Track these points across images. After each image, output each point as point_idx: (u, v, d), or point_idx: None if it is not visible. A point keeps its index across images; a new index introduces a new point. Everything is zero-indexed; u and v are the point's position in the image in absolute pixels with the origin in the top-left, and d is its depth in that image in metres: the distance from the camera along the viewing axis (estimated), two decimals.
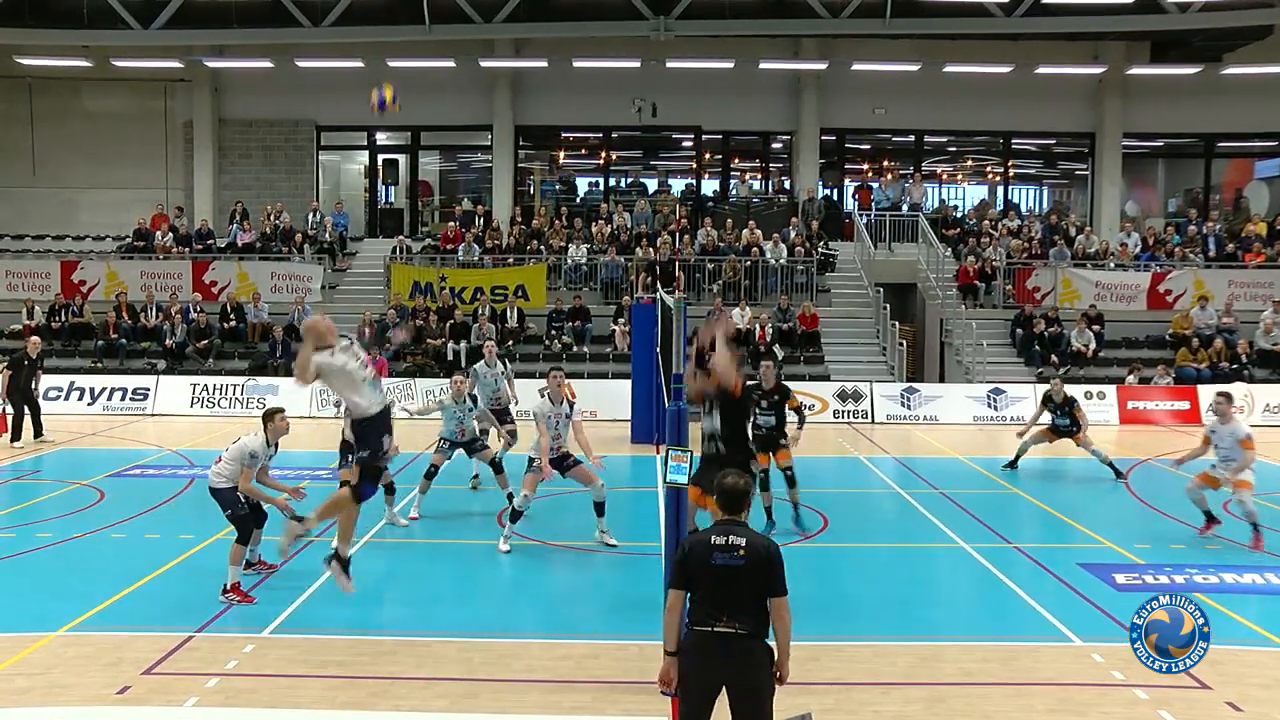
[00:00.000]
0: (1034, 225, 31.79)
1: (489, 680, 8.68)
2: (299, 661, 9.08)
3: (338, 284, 30.34)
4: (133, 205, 31.88)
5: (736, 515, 6.34)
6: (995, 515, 14.78)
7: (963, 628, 10.21)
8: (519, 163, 33.92)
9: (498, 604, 10.97)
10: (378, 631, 9.90)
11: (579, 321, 27.65)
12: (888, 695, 8.42)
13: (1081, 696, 8.40)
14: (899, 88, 31.91)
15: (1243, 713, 8.12)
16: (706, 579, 6.14)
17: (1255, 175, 35.08)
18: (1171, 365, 26.55)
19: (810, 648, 9.37)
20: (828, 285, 29.92)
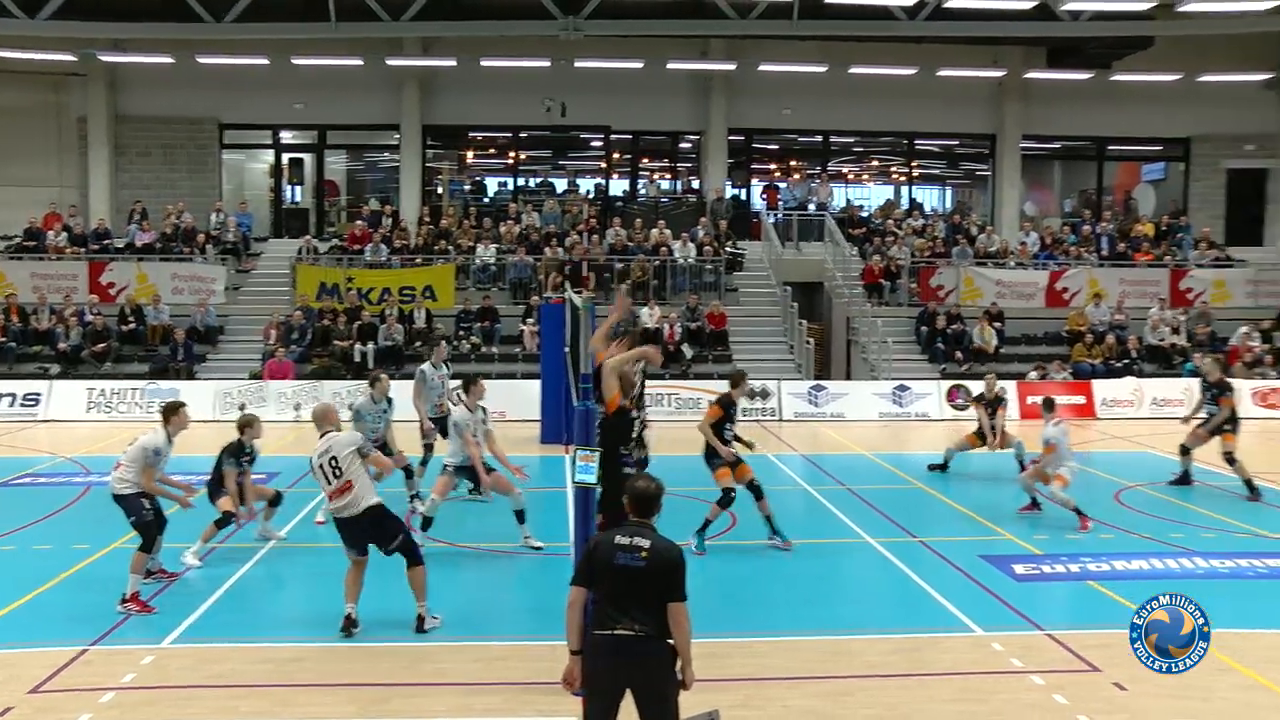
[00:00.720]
0: (937, 225, 32.30)
1: (399, 685, 8.62)
2: (201, 672, 8.90)
3: (242, 285, 29.85)
4: (23, 204, 30.73)
5: (646, 519, 6.36)
6: (900, 510, 15.01)
7: (869, 621, 10.36)
8: (427, 162, 33.67)
9: (407, 608, 10.89)
10: (284, 639, 9.75)
11: (488, 322, 27.53)
12: (795, 690, 8.53)
13: (982, 684, 8.60)
14: (806, 89, 32.21)
15: (1128, 691, 8.44)
16: (609, 579, 6.18)
17: (1143, 178, 36.17)
18: (1068, 361, 27.18)
19: (719, 644, 9.47)
20: (736, 284, 30.13)
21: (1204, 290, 30.02)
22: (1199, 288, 30.07)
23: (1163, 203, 34.87)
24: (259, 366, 26.02)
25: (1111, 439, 22.65)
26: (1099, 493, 16.32)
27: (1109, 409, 25.64)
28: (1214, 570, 12.01)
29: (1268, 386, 26.28)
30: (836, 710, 8.14)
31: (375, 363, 26.22)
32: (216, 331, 27.84)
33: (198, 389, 24.87)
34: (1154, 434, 22.43)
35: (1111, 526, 13.94)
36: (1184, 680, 8.58)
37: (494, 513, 13.99)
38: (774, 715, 8.03)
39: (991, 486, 17.35)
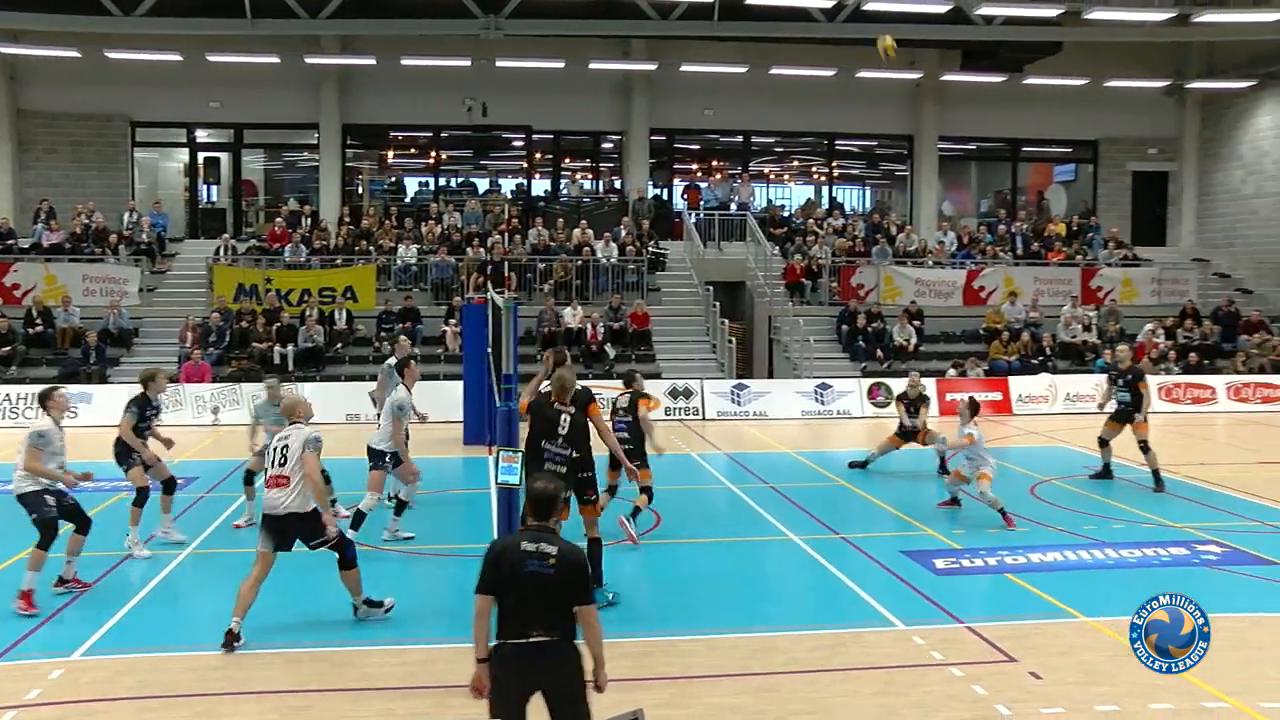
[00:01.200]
0: (857, 224, 32.62)
1: (323, 691, 8.51)
2: (115, 684, 8.63)
3: (157, 286, 29.30)
4: None
5: (546, 521, 6.31)
6: (823, 507, 15.12)
7: (793, 618, 10.43)
8: (347, 162, 33.36)
9: (328, 612, 10.76)
10: (203, 646, 9.48)
11: (409, 323, 27.29)
12: (719, 687, 8.56)
13: (904, 678, 8.69)
14: (727, 89, 32.41)
15: (1042, 680, 8.61)
16: (517, 587, 6.11)
17: (1055, 179, 36.90)
18: (985, 358, 27.60)
19: (644, 644, 9.50)
20: (658, 284, 30.21)
21: (1113, 289, 30.78)
22: (1108, 286, 30.82)
23: (1073, 203, 35.64)
24: (175, 369, 25.59)
25: (1027, 434, 23.02)
26: (1015, 487, 16.58)
27: (1024, 405, 26.08)
28: (1123, 560, 12.31)
29: (1171, 381, 26.97)
30: (761, 706, 8.17)
31: (295, 365, 25.97)
32: (130, 334, 27.31)
33: (111, 393, 24.36)
34: (1068, 429, 22.87)
35: (1027, 520, 14.18)
36: (1092, 667, 8.89)
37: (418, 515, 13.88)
38: (699, 713, 8.03)
39: (912, 483, 17.54)
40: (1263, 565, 12.09)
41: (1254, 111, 33.31)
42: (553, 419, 10.25)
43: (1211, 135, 34.94)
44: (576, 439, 10.41)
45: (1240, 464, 19.54)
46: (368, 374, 25.71)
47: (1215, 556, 12.46)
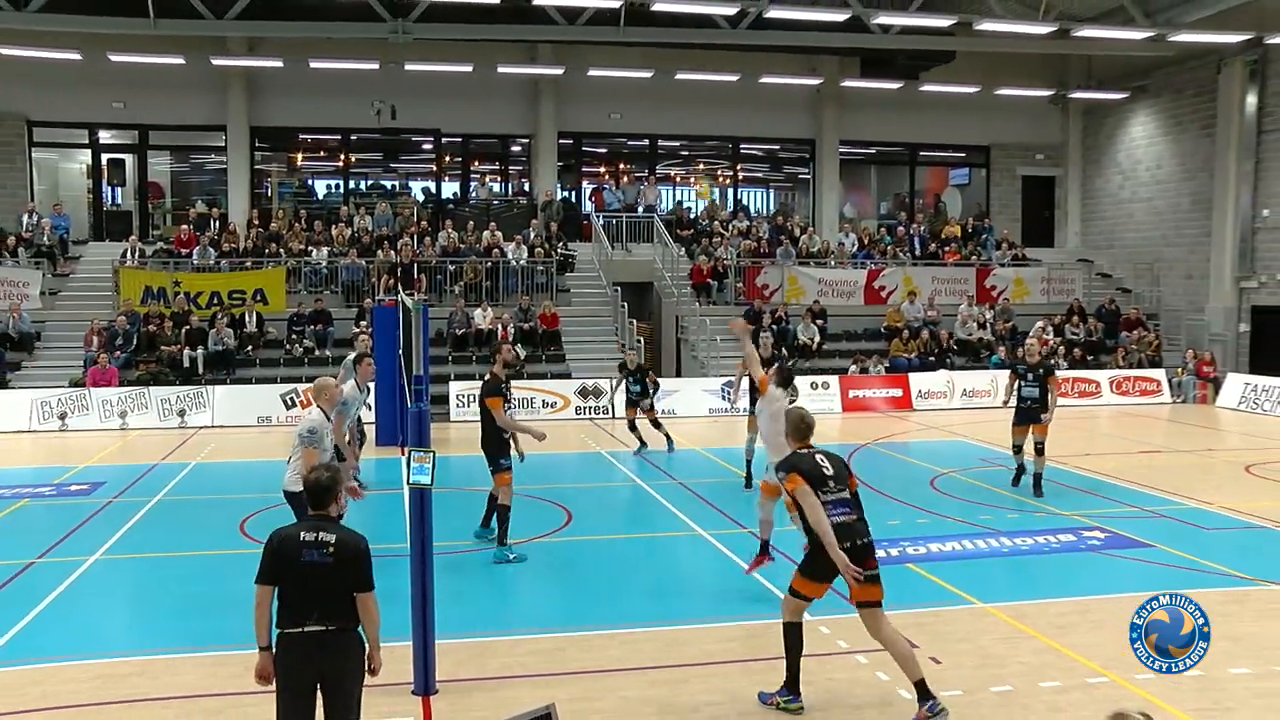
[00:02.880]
0: (762, 226, 32.90)
1: (237, 694, 8.31)
2: (23, 694, 8.38)
3: (60, 290, 28.55)
4: None
5: (324, 510, 6.36)
6: (730, 502, 15.25)
7: (704, 611, 10.49)
8: (255, 164, 32.89)
9: (240, 614, 10.60)
10: (112, 653, 9.32)
11: (321, 325, 27.01)
12: (632, 680, 8.59)
13: (812, 666, 8.74)
14: (633, 94, 32.52)
15: (942, 664, 8.83)
16: (295, 576, 6.12)
17: (950, 182, 37.59)
18: (886, 355, 28.02)
19: (556, 639, 9.51)
20: (567, 285, 30.20)
21: (1006, 288, 31.49)
22: (1001, 285, 31.53)
23: (968, 206, 36.35)
24: (81, 374, 25.04)
25: (927, 429, 23.41)
26: (916, 479, 16.89)
27: (924, 400, 26.53)
28: (1016, 548, 12.65)
29: (1061, 376, 27.50)
30: (674, 697, 8.22)
31: (205, 368, 25.54)
32: (32, 338, 26.60)
33: (13, 398, 23.81)
34: (965, 423, 23.32)
35: (927, 511, 14.45)
36: (988, 651, 9.14)
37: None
38: (612, 706, 8.05)
39: None
40: (1139, 548, 12.61)
41: (1129, 121, 34.28)
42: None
43: (1092, 143, 35.92)
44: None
45: (1121, 454, 20.10)
46: (279, 376, 25.45)
47: (1099, 542, 12.94)
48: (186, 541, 13.37)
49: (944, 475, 17.41)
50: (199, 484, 17.02)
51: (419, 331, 12.88)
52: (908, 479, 17.11)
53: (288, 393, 24.61)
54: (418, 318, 15.17)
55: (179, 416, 24.02)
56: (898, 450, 20.86)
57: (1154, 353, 29.57)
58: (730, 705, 8.10)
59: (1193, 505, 15.08)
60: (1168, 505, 15.10)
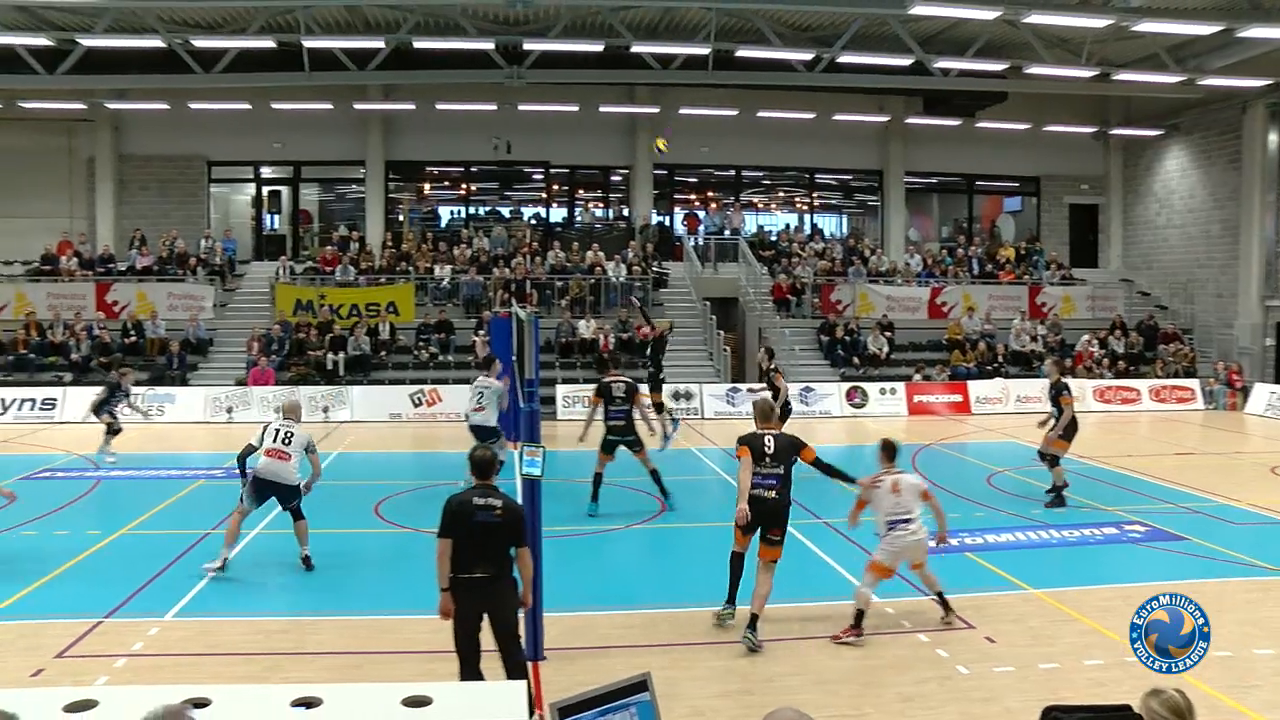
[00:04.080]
0: (835, 248, 32.64)
1: (370, 653, 8.56)
2: (198, 642, 8.82)
3: (228, 303, 29.41)
4: (41, 233, 30.24)
5: (488, 480, 7.06)
6: (808, 495, 15.09)
7: (783, 593, 10.39)
8: (389, 193, 33.39)
9: (376, 585, 10.83)
10: (268, 613, 9.69)
11: (444, 334, 27.37)
12: (719, 653, 8.61)
13: (879, 643, 8.77)
14: (721, 130, 32.44)
15: (996, 644, 8.75)
16: (468, 532, 6.80)
17: (1004, 209, 36.88)
18: (947, 365, 27.64)
19: (650, 614, 9.57)
20: (661, 299, 30.20)
21: (1055, 304, 30.93)
22: (1051, 302, 30.97)
23: (1021, 230, 35.65)
24: (244, 374, 25.70)
25: (984, 431, 23.05)
26: (974, 477, 16.65)
27: (981, 405, 26.13)
28: (1064, 539, 12.47)
29: (1105, 385, 27.12)
30: (754, 669, 8.23)
31: (346, 371, 26.02)
32: (206, 344, 27.43)
33: (191, 394, 24.61)
34: (1018, 426, 22.89)
35: (984, 505, 14.24)
36: (1038, 631, 9.02)
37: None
38: (700, 675, 8.08)
39: None
40: (1177, 541, 12.35)
41: (1164, 155, 33.44)
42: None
43: (1131, 174, 35.05)
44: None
45: (1159, 455, 19.63)
46: (408, 378, 25.86)
47: (1140, 535, 12.63)
48: (328, 520, 13.62)
49: (999, 473, 17.14)
50: (340, 471, 17.32)
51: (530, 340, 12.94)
52: (966, 476, 16.88)
53: (415, 393, 25.00)
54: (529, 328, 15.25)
55: (323, 412, 24.51)
56: (957, 450, 20.58)
57: (1189, 364, 28.82)
58: (804, 676, 8.08)
59: (1222, 502, 14.73)
60: (1201, 502, 14.75)
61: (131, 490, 15.75)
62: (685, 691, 7.69)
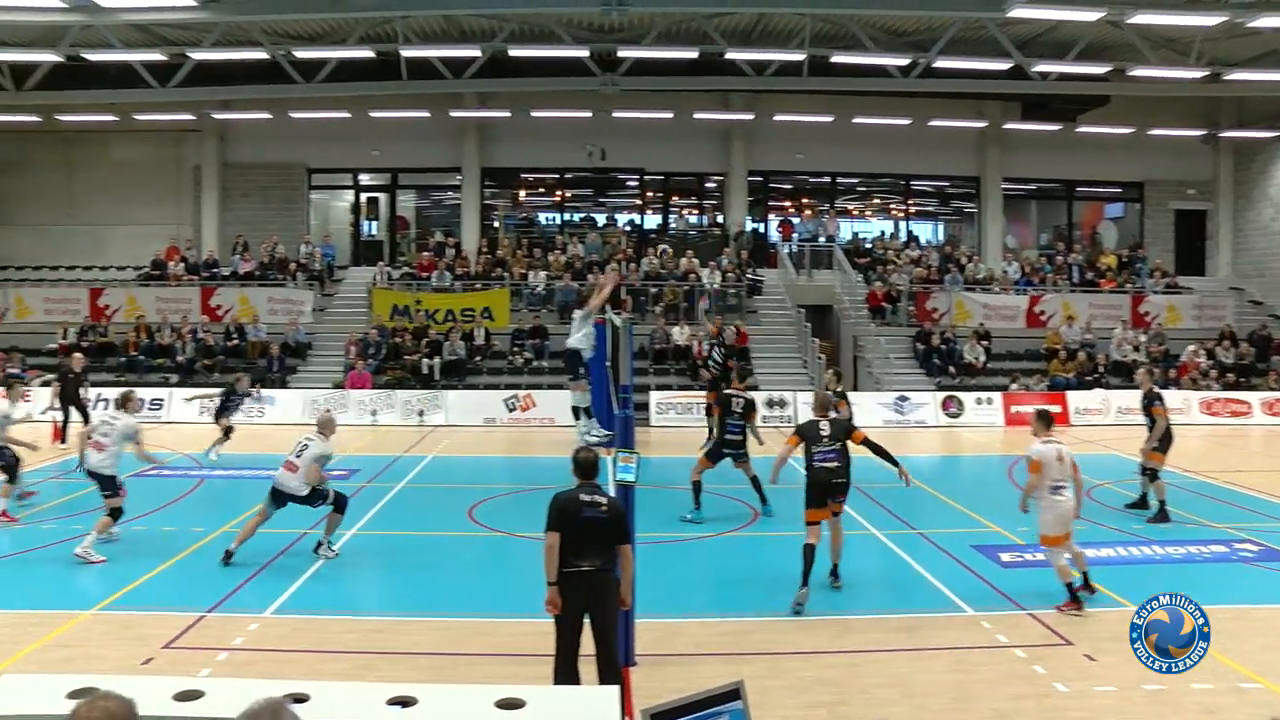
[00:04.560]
0: (931, 255, 32.20)
1: (462, 654, 8.65)
2: (295, 638, 9.04)
3: (326, 307, 30.10)
4: (151, 239, 31.52)
5: (593, 479, 7.25)
6: (901, 505, 14.96)
7: (874, 603, 10.36)
8: (485, 200, 33.82)
9: (469, 588, 10.96)
10: (364, 612, 9.86)
11: (538, 339, 27.59)
12: (810, 663, 8.53)
13: (972, 658, 8.58)
14: (815, 136, 32.25)
15: (1096, 662, 8.47)
16: (575, 528, 6.99)
17: (1105, 216, 35.95)
18: (1046, 374, 27.07)
19: (742, 623, 9.52)
20: (756, 306, 30.10)
21: (1159, 313, 30.06)
22: (1155, 311, 30.09)
23: (1123, 237, 34.74)
24: (341, 377, 26.22)
25: (1084, 443, 22.45)
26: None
27: (1081, 417, 25.51)
28: (1169, 556, 12.05)
29: (1212, 397, 26.24)
30: (845, 679, 8.14)
31: (442, 375, 26.38)
32: (305, 347, 28.08)
33: (290, 396, 25.17)
34: (1120, 438, 22.27)
35: (1084, 519, 13.76)
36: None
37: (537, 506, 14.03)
38: (790, 684, 8.02)
39: (980, 484, 17.27)
40: None
41: (1279, 158, 32.28)
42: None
43: (1243, 178, 33.87)
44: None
45: (1273, 471, 18.86)
46: (503, 383, 26.12)
47: (1252, 554, 12.12)
48: (424, 522, 13.88)
49: (1100, 486, 16.69)
50: (435, 474, 17.59)
51: (625, 346, 13.03)
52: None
53: (509, 397, 25.23)
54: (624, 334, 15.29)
55: (419, 415, 24.87)
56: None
57: None
58: (895, 689, 7.96)
59: None
60: None
61: (233, 489, 16.19)
62: (776, 701, 7.63)
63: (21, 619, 9.46)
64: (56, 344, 26.89)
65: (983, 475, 18.30)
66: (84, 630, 9.16)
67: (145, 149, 32.52)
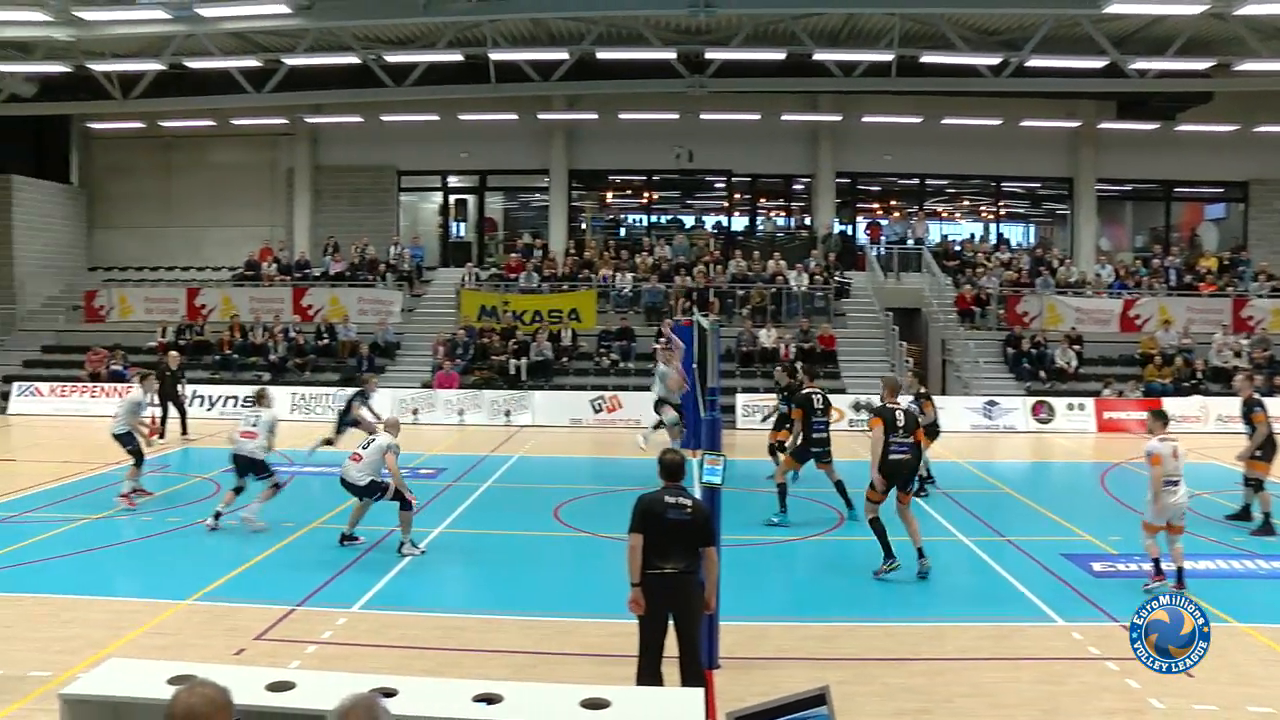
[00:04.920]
0: (1022, 258, 31.60)
1: (547, 653, 8.70)
2: (382, 633, 9.19)
3: (415, 307, 30.56)
4: (245, 241, 32.50)
5: (678, 481, 7.23)
6: (989, 511, 14.74)
7: (961, 610, 10.19)
8: (572, 202, 34.05)
9: (554, 587, 11.03)
10: (450, 609, 10.00)
11: (625, 341, 27.68)
12: (896, 669, 8.43)
13: (1062, 669, 8.39)
14: (904, 137, 31.88)
15: (1195, 679, 8.04)
16: (660, 530, 6.98)
17: (1206, 217, 34.86)
18: (1140, 380, 26.37)
19: (829, 628, 9.44)
20: (843, 309, 29.85)
21: (1263, 318, 28.92)
22: (1258, 315, 28.98)
23: (1225, 239, 33.66)
24: (429, 377, 26.59)
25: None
26: None
27: (1178, 425, 24.62)
28: (1275, 571, 11.60)
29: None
30: (931, 687, 8.02)
31: (528, 375, 26.58)
32: (394, 347, 28.53)
33: (378, 396, 25.40)
34: (1219, 447, 21.59)
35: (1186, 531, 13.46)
36: (1244, 670, 8.40)
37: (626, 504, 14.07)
38: (876, 691, 7.93)
39: (1072, 492, 16.92)
40: None
41: None
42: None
43: None
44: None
45: None
46: (589, 384, 26.24)
47: None
48: (510, 522, 13.99)
49: (1198, 496, 16.18)
50: (521, 474, 17.73)
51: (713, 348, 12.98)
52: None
53: (596, 399, 25.34)
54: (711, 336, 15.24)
55: (505, 416, 25.11)
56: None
57: None
58: (982, 698, 7.81)
59: None
60: None
61: (322, 486, 16.46)
62: (861, 708, 7.56)
63: (124, 606, 9.81)
64: (155, 342, 27.74)
65: (1074, 482, 17.91)
66: (180, 620, 9.43)
67: (240, 153, 33.46)
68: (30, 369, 28.20)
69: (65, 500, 14.82)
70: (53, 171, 33.33)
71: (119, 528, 13.19)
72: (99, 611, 9.60)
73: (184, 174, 33.65)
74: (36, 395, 26.34)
